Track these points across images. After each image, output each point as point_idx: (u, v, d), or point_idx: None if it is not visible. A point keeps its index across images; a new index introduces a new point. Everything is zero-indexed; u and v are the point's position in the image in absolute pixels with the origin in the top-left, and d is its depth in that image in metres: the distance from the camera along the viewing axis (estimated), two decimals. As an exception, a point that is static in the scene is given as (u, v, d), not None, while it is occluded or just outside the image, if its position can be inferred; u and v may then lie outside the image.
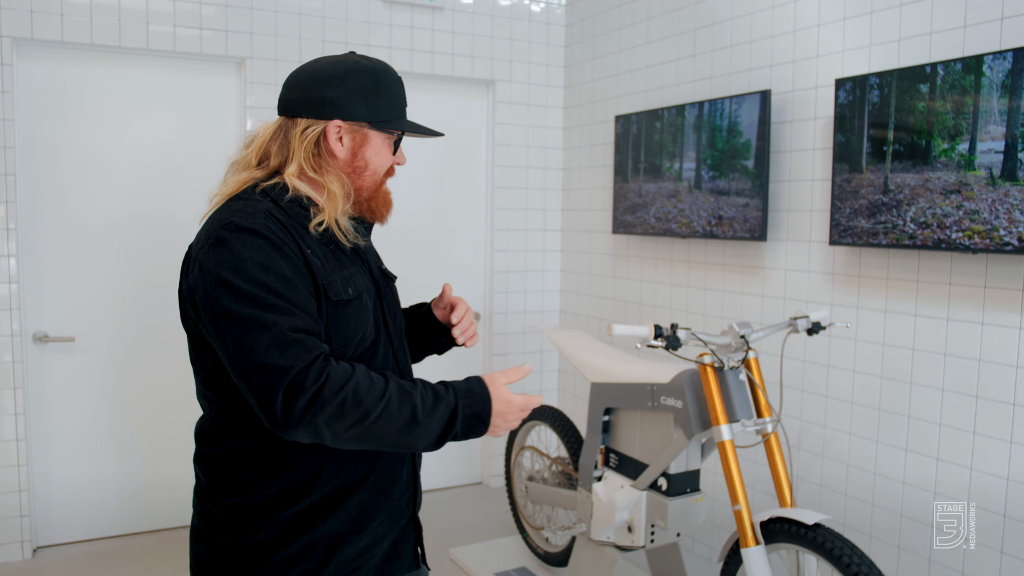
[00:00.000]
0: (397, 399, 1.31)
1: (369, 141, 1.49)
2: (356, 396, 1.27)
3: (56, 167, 3.47)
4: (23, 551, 3.42)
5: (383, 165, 1.52)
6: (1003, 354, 2.38)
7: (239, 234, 1.33)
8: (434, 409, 1.34)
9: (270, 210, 1.40)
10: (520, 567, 3.42)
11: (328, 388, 1.26)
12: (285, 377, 1.25)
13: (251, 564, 1.42)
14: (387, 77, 1.51)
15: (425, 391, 1.35)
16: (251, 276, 1.30)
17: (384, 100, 1.49)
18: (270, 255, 1.33)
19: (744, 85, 3.23)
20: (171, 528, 3.81)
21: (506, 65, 4.27)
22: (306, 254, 1.38)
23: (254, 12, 3.67)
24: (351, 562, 1.47)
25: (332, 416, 1.26)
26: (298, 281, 1.34)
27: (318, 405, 1.25)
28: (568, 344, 3.06)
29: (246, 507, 1.42)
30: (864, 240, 2.65)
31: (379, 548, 1.52)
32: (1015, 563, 2.35)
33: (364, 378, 1.30)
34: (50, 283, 3.49)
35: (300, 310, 1.32)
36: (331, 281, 1.41)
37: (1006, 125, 2.24)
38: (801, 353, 3.00)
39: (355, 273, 1.49)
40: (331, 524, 1.44)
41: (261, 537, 1.41)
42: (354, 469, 1.46)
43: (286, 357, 1.26)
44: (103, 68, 3.53)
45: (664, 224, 3.55)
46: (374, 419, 1.29)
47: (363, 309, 1.47)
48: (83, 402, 3.59)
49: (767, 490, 3.12)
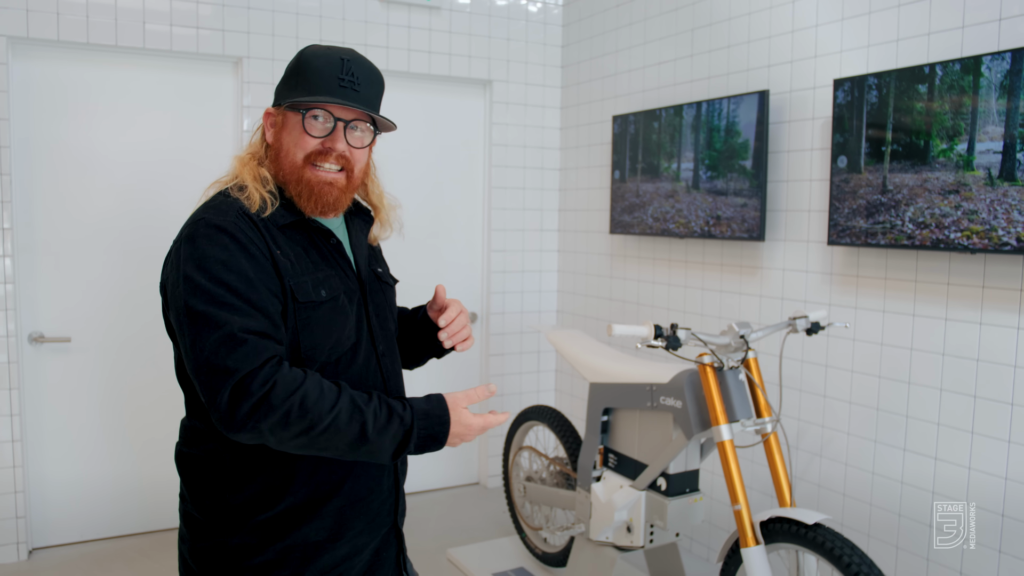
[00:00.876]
0: (347, 413, 1.28)
1: (286, 123, 1.47)
2: (303, 406, 1.25)
3: (52, 167, 3.45)
4: (18, 553, 3.40)
5: (295, 145, 1.46)
6: (1001, 354, 2.38)
7: (207, 230, 1.35)
8: (386, 427, 1.31)
9: (244, 208, 1.40)
10: (518, 567, 3.41)
11: (274, 395, 1.23)
12: (230, 379, 1.23)
13: (228, 568, 1.40)
14: (313, 58, 1.46)
15: (380, 408, 1.32)
16: (212, 274, 1.30)
17: (302, 81, 1.46)
18: (234, 253, 1.33)
19: (742, 85, 3.23)
20: (167, 529, 3.79)
21: (503, 65, 4.27)
22: (275, 255, 1.38)
23: (251, 11, 3.66)
24: (330, 571, 1.45)
25: (276, 424, 1.24)
26: (260, 281, 1.33)
27: (263, 411, 1.23)
28: (566, 344, 3.06)
29: (221, 509, 1.41)
30: (862, 240, 2.65)
31: (360, 558, 1.49)
32: (1013, 562, 2.36)
33: (314, 388, 1.27)
34: (46, 283, 3.48)
35: (257, 311, 1.30)
36: (300, 282, 1.39)
37: (1004, 125, 2.25)
38: (799, 353, 3.01)
39: (332, 275, 1.47)
40: (307, 532, 1.42)
41: (236, 542, 1.40)
42: (328, 475, 1.44)
43: (233, 359, 1.24)
44: (99, 67, 3.51)
45: (662, 224, 3.55)
46: (320, 431, 1.26)
47: (339, 312, 1.44)
48: (79, 403, 3.57)
49: (766, 490, 3.12)
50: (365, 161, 1.54)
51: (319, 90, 1.43)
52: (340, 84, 1.43)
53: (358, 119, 1.47)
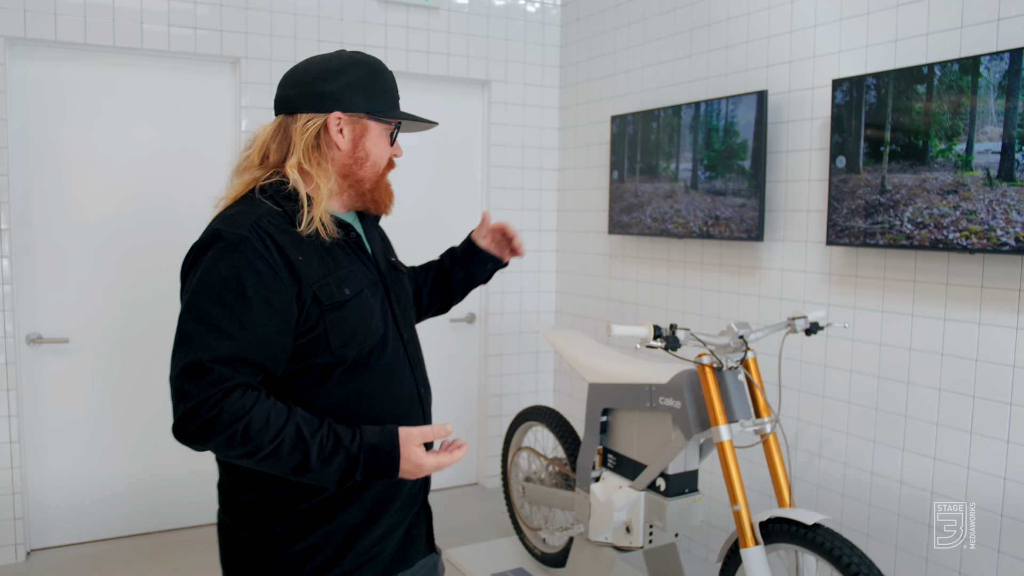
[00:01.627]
0: (290, 444, 1.32)
1: (368, 132, 1.52)
2: (246, 434, 1.30)
3: (50, 167, 3.45)
4: (16, 554, 3.39)
5: (383, 155, 1.55)
6: (1000, 354, 2.38)
7: (218, 244, 1.38)
8: (331, 458, 1.35)
9: (260, 218, 1.41)
10: (517, 568, 3.41)
11: (219, 421, 1.29)
12: (184, 402, 1.31)
13: (272, 555, 1.46)
14: (381, 70, 1.55)
15: (327, 438, 1.35)
16: (210, 289, 1.36)
17: (379, 92, 1.53)
18: (239, 269, 1.36)
19: (740, 85, 3.23)
20: (165, 530, 3.79)
21: (501, 65, 4.27)
22: (295, 263, 1.40)
23: (249, 12, 3.65)
24: (367, 551, 1.51)
25: (220, 444, 1.31)
26: (260, 300, 1.36)
27: (207, 433, 1.30)
28: (565, 344, 3.06)
29: (266, 501, 1.46)
30: (861, 240, 2.65)
31: (393, 536, 1.56)
32: (1012, 562, 2.36)
33: (260, 418, 1.31)
34: (43, 284, 3.47)
35: (243, 331, 1.34)
36: (323, 285, 1.42)
37: (1003, 126, 2.25)
38: (798, 353, 3.01)
39: (354, 271, 1.50)
40: (348, 516, 1.48)
41: (281, 529, 1.46)
42: None
43: (194, 385, 1.31)
44: (97, 68, 3.51)
45: (660, 224, 3.55)
46: (262, 457, 1.32)
47: (364, 305, 1.48)
48: (77, 404, 3.56)
49: (764, 490, 3.12)
50: None
51: (397, 105, 1.56)
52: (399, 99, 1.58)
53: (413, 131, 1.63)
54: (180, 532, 3.78)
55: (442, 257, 1.98)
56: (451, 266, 1.95)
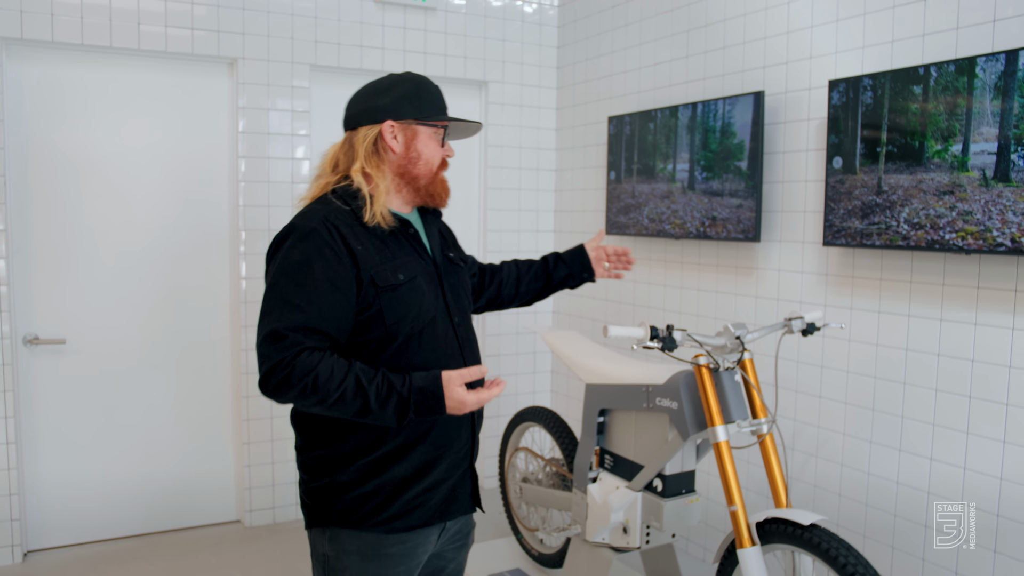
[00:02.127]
0: (352, 390, 1.59)
1: (418, 135, 1.79)
2: (315, 385, 1.57)
3: (46, 168, 3.44)
4: (13, 555, 3.39)
5: (434, 155, 1.81)
6: (996, 354, 2.39)
7: (294, 235, 1.68)
8: (387, 400, 1.60)
9: (329, 214, 1.70)
10: (514, 568, 3.41)
11: (293, 376, 1.57)
12: (266, 363, 1.60)
13: (336, 499, 1.75)
14: (426, 83, 1.83)
15: (382, 384, 1.61)
16: (287, 271, 1.65)
17: (425, 101, 1.80)
18: (310, 255, 1.65)
19: (737, 86, 3.23)
20: (162, 531, 3.78)
21: (499, 66, 4.27)
22: (355, 251, 1.67)
23: (246, 13, 3.65)
24: (413, 500, 1.77)
25: (295, 397, 1.60)
26: (326, 281, 1.64)
27: (285, 387, 1.59)
28: (562, 345, 3.06)
29: (331, 457, 1.75)
30: (857, 241, 2.65)
31: (438, 491, 1.81)
32: (1009, 562, 2.36)
33: (325, 371, 1.58)
34: (40, 285, 3.47)
35: (312, 305, 1.62)
36: (380, 270, 1.69)
37: (999, 127, 2.25)
38: (795, 354, 3.01)
39: (410, 261, 1.76)
40: (398, 471, 1.75)
41: (343, 479, 1.75)
42: (416, 427, 1.75)
43: (271, 348, 1.60)
44: (94, 68, 3.50)
45: (657, 225, 3.55)
46: (331, 403, 1.59)
47: (416, 290, 1.74)
48: (74, 405, 3.56)
49: (761, 491, 3.12)
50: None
51: (444, 112, 1.83)
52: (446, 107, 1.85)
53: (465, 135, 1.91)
54: (177, 533, 3.78)
55: (545, 257, 2.33)
56: (555, 264, 2.30)
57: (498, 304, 2.29)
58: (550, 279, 2.30)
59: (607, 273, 2.35)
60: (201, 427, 3.83)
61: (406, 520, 1.77)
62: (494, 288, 2.25)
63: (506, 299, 2.29)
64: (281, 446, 3.89)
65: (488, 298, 2.26)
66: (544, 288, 2.31)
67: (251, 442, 3.82)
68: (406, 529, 1.77)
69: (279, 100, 3.76)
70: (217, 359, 3.84)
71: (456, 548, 1.96)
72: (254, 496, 3.86)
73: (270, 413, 3.85)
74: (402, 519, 1.76)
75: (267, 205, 3.76)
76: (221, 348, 3.84)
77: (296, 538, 3.73)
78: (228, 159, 3.77)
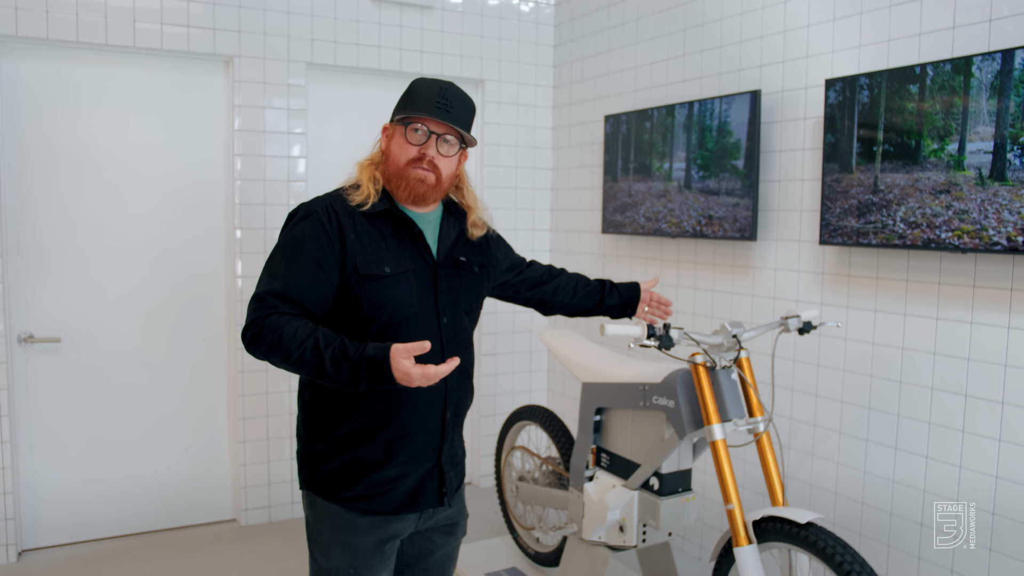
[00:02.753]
0: (311, 350, 1.69)
1: (395, 135, 1.90)
2: (279, 342, 1.71)
3: (41, 166, 3.43)
4: (7, 555, 3.38)
5: (400, 152, 1.88)
6: (992, 353, 2.39)
7: (298, 214, 1.86)
8: (340, 364, 1.68)
9: (334, 202, 1.86)
10: (511, 567, 3.41)
11: (262, 333, 1.73)
12: (247, 320, 1.78)
13: (312, 467, 1.91)
14: (417, 84, 1.89)
15: (337, 349, 1.69)
16: (283, 244, 1.84)
17: (410, 101, 1.88)
18: (305, 234, 1.81)
19: (734, 85, 3.23)
20: (158, 530, 3.78)
21: (495, 64, 4.27)
22: (348, 238, 1.81)
23: (242, 10, 3.64)
24: (379, 486, 1.88)
25: (265, 352, 1.74)
26: (312, 259, 1.79)
27: (256, 342, 1.75)
28: (559, 344, 3.06)
29: (312, 423, 1.91)
30: (854, 240, 2.66)
31: (406, 482, 1.90)
32: (1004, 560, 2.37)
33: (289, 331, 1.71)
34: (35, 283, 3.45)
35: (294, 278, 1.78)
36: (366, 260, 1.81)
37: (995, 126, 2.26)
38: (791, 352, 3.01)
39: (405, 257, 1.86)
40: (364, 451, 1.87)
41: (317, 448, 1.90)
42: (381, 411, 1.85)
43: (252, 307, 1.78)
44: (89, 66, 3.49)
45: (654, 224, 3.55)
46: (293, 360, 1.71)
47: (402, 284, 1.84)
48: (69, 403, 3.55)
49: (758, 489, 3.13)
50: (453, 168, 1.93)
51: (419, 109, 1.85)
52: (436, 105, 1.85)
53: (448, 133, 1.87)
54: (172, 532, 3.77)
55: (602, 281, 2.47)
56: (610, 291, 2.45)
57: (548, 307, 2.41)
58: (602, 302, 2.44)
59: (644, 316, 2.49)
60: (197, 426, 3.82)
61: (370, 503, 1.88)
62: (549, 289, 2.37)
63: (556, 305, 2.40)
64: (277, 444, 3.88)
65: (540, 297, 2.37)
66: (593, 308, 2.45)
67: (247, 441, 3.82)
68: (370, 512, 1.88)
69: (275, 98, 3.75)
70: (213, 357, 3.83)
71: (444, 535, 2.05)
72: (250, 495, 3.85)
73: (266, 412, 3.84)
74: (366, 502, 1.88)
75: (263, 203, 3.76)
76: (217, 346, 3.83)
77: (292, 537, 3.73)
78: (224, 157, 3.76)
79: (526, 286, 2.33)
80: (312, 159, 3.93)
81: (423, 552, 2.05)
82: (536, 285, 2.35)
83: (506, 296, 2.34)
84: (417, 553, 2.05)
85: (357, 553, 1.89)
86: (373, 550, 1.90)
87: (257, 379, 3.82)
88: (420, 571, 2.07)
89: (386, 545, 1.92)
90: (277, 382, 3.86)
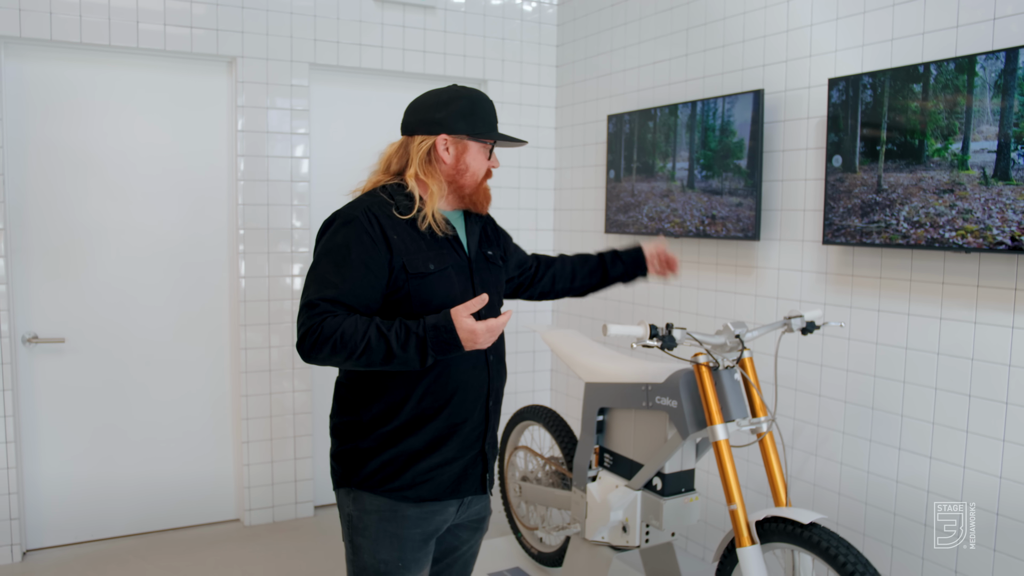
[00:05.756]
0: (376, 337, 1.74)
1: (468, 149, 1.95)
2: (343, 340, 1.74)
3: (45, 167, 3.44)
4: (12, 555, 3.39)
5: (480, 167, 1.97)
6: (996, 353, 2.39)
7: (338, 220, 1.87)
8: (407, 342, 1.74)
9: (372, 205, 1.88)
10: (514, 567, 3.41)
11: (322, 336, 1.75)
12: (301, 329, 1.80)
13: (359, 464, 1.94)
14: (481, 100, 1.97)
15: (400, 329, 1.76)
16: (327, 252, 1.85)
17: (478, 118, 1.95)
18: (350, 239, 1.83)
19: (737, 85, 3.23)
20: (162, 530, 3.78)
21: (498, 64, 4.27)
22: (391, 240, 1.84)
23: (245, 11, 3.65)
24: (425, 474, 1.92)
25: (329, 354, 1.76)
26: (360, 263, 1.82)
27: (317, 348, 1.76)
28: (562, 344, 3.06)
29: (356, 424, 1.94)
30: (857, 239, 2.65)
31: (450, 468, 1.95)
32: (1008, 560, 2.36)
33: (350, 327, 1.75)
34: (39, 284, 3.46)
35: (345, 283, 1.81)
36: (412, 259, 1.86)
37: (999, 125, 2.25)
38: (794, 352, 3.01)
39: (443, 254, 1.92)
40: (411, 442, 1.91)
41: (364, 446, 1.93)
42: (431, 403, 1.90)
43: (306, 316, 1.80)
44: (93, 67, 3.50)
45: (657, 224, 3.55)
46: (359, 353, 1.74)
47: (445, 279, 1.90)
48: (73, 404, 3.56)
49: (761, 489, 3.12)
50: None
51: (494, 128, 1.98)
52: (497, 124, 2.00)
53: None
54: (176, 532, 3.78)
55: (602, 253, 2.46)
56: (612, 261, 2.44)
57: (552, 295, 2.45)
58: (606, 274, 2.44)
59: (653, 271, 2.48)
60: (200, 426, 3.83)
61: (417, 491, 1.92)
62: (547, 281, 2.41)
63: (560, 292, 2.44)
64: (280, 445, 3.88)
65: (541, 290, 2.41)
66: (600, 283, 2.46)
67: (250, 441, 3.82)
68: (417, 500, 1.93)
69: (278, 99, 3.75)
70: (216, 358, 3.83)
71: (471, 530, 2.11)
72: (253, 495, 3.85)
73: (269, 412, 3.85)
74: (413, 489, 1.92)
75: (266, 204, 3.76)
76: (220, 346, 3.84)
77: (295, 536, 3.73)
78: (227, 158, 3.77)
79: (527, 283, 2.38)
80: (315, 159, 3.93)
81: (449, 548, 2.09)
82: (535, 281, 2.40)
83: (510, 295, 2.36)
84: (444, 549, 2.08)
85: (404, 546, 1.93)
86: (420, 543, 1.95)
87: (261, 379, 3.82)
88: (444, 567, 2.11)
89: (430, 540, 1.97)
90: (280, 383, 3.86)
